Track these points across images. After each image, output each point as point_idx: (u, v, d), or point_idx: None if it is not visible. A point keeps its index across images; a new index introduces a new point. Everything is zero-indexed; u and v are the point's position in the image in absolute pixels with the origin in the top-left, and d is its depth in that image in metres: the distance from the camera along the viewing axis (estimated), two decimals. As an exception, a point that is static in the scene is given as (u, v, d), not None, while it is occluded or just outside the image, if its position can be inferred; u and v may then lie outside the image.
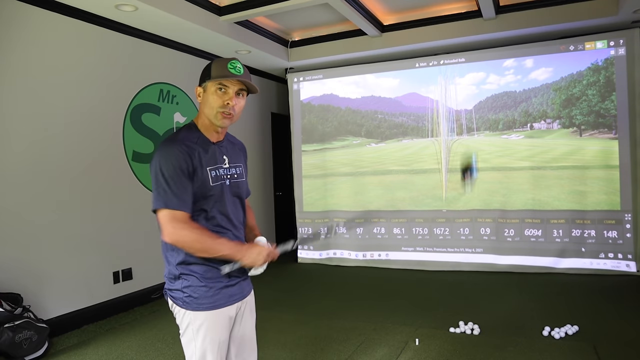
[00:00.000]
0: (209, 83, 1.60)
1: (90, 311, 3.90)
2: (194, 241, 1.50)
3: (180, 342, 1.64)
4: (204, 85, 1.63)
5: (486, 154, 5.40)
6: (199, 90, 1.65)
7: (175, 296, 1.60)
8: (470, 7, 4.90)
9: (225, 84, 1.59)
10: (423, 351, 3.08)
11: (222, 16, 4.54)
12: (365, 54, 5.66)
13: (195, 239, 1.51)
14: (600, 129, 4.95)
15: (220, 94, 1.60)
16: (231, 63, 1.60)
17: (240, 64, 1.63)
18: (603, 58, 4.89)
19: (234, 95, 1.60)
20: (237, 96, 1.62)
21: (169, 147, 1.54)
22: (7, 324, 3.00)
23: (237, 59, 1.64)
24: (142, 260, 4.43)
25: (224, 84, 1.59)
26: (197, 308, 1.57)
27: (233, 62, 1.61)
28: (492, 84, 5.36)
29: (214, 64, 1.62)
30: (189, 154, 1.55)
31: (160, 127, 4.71)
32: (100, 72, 4.07)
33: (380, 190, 5.84)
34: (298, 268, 5.91)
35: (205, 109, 1.62)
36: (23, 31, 3.46)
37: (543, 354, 2.93)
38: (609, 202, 4.89)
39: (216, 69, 1.59)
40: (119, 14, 3.95)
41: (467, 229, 5.40)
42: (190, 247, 1.52)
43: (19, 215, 3.41)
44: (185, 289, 1.58)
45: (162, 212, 1.51)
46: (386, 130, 5.91)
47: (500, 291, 4.45)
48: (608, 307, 3.83)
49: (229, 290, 1.64)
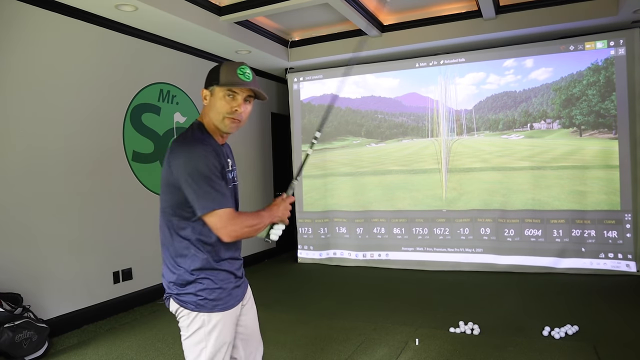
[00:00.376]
0: (216, 87, 1.57)
1: (90, 311, 3.90)
2: (249, 228, 1.53)
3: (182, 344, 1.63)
4: (211, 89, 1.59)
5: (486, 154, 5.40)
6: (205, 93, 1.61)
7: (185, 300, 1.57)
8: (470, 7, 4.90)
9: (234, 90, 1.57)
10: (423, 351, 3.08)
11: (222, 16, 4.54)
12: (365, 54, 5.66)
13: (249, 226, 1.53)
14: (600, 129, 4.95)
15: (229, 100, 1.57)
16: (240, 69, 1.58)
17: (249, 69, 1.61)
18: (603, 58, 4.89)
19: (242, 101, 1.59)
20: (245, 102, 1.60)
21: (195, 147, 1.51)
22: (7, 324, 3.00)
23: (245, 64, 1.61)
24: (142, 260, 4.43)
25: (233, 91, 1.57)
26: (212, 309, 1.57)
27: (242, 68, 1.58)
28: (492, 84, 5.36)
29: (222, 68, 1.58)
30: (215, 153, 1.55)
31: (160, 127, 4.71)
32: (100, 72, 4.07)
33: (380, 190, 5.84)
34: (298, 268, 5.91)
35: (211, 113, 1.59)
36: (23, 31, 3.46)
37: (543, 354, 2.93)
38: (609, 202, 4.89)
39: (225, 75, 1.56)
40: (119, 14, 3.95)
41: (467, 229, 5.40)
42: (247, 235, 1.54)
43: (19, 216, 3.41)
44: (199, 292, 1.56)
45: (216, 213, 1.47)
46: (386, 130, 5.91)
47: (500, 291, 4.45)
48: (608, 307, 3.83)
49: (237, 291, 1.66)
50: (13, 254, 3.36)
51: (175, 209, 1.55)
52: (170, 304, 1.62)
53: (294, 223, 6.19)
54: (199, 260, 1.55)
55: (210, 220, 1.49)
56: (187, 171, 1.48)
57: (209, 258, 1.57)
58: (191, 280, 1.56)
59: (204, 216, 1.48)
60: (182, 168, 1.49)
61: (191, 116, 5.12)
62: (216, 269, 1.58)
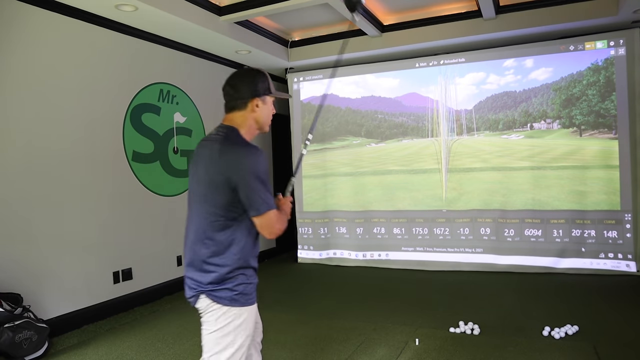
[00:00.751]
0: (267, 97, 1.76)
1: (90, 311, 3.90)
2: (283, 226, 1.70)
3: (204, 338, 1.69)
4: (263, 97, 1.74)
5: (486, 154, 5.40)
6: (257, 101, 1.73)
7: (221, 295, 1.64)
8: (470, 7, 4.90)
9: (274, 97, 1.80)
10: (423, 351, 3.08)
11: (222, 16, 4.54)
12: (365, 54, 5.66)
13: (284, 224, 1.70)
14: (600, 129, 4.95)
15: (272, 107, 1.81)
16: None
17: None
18: (603, 58, 4.89)
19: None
20: None
21: (255, 153, 1.63)
22: (7, 324, 3.00)
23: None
24: (142, 260, 4.43)
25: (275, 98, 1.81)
26: (244, 304, 1.67)
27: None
28: (492, 84, 5.36)
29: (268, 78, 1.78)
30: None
31: (160, 127, 4.71)
32: (100, 72, 4.07)
33: (380, 190, 5.84)
34: (298, 268, 5.91)
35: (260, 119, 1.76)
36: (23, 31, 3.46)
37: (543, 354, 2.93)
38: (609, 202, 4.89)
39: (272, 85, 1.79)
40: (119, 14, 3.95)
41: (467, 229, 5.40)
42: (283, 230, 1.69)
43: (19, 215, 3.41)
44: (236, 287, 1.65)
45: (269, 214, 1.62)
46: (386, 130, 5.91)
47: (500, 291, 4.45)
48: (608, 307, 3.83)
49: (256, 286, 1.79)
50: (13, 254, 3.36)
51: (224, 209, 1.62)
52: (200, 300, 1.66)
53: (294, 223, 6.19)
54: (238, 258, 1.65)
55: (262, 220, 1.62)
56: (250, 173, 1.58)
57: (245, 256, 1.67)
58: (229, 277, 1.64)
59: (258, 217, 1.61)
60: (245, 171, 1.58)
61: (191, 116, 5.12)
62: (248, 265, 1.70)
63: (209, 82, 5.36)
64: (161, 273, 4.67)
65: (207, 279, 1.63)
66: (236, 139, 1.68)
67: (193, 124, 5.16)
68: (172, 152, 4.85)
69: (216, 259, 1.63)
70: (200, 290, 1.65)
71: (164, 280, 4.69)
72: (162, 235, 4.66)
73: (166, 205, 4.71)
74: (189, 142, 5.08)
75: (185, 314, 4.00)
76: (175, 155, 4.88)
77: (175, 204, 4.80)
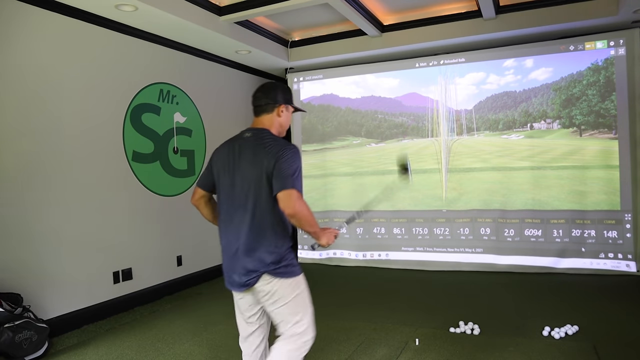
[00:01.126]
0: (290, 106, 2.10)
1: (90, 311, 3.90)
2: (309, 214, 1.89)
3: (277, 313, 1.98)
4: (286, 106, 2.08)
5: (486, 154, 5.40)
6: (282, 108, 2.06)
7: (283, 271, 1.94)
8: (470, 7, 4.90)
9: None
10: (423, 351, 3.08)
11: (222, 16, 4.54)
12: (365, 54, 5.66)
13: (310, 212, 1.90)
14: (600, 129, 4.95)
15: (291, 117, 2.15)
16: None
17: None
18: (603, 58, 4.89)
19: None
20: None
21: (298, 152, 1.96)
22: (7, 324, 3.00)
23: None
24: (142, 260, 4.43)
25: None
26: (299, 272, 2.02)
27: None
28: (492, 84, 5.36)
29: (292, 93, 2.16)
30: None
31: (160, 127, 4.71)
32: (100, 72, 4.07)
33: (380, 190, 5.82)
34: (298, 268, 5.91)
35: (284, 123, 2.10)
36: (23, 31, 3.46)
37: (543, 354, 2.93)
38: (608, 202, 4.89)
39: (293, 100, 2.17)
40: (119, 14, 3.95)
41: (467, 229, 5.40)
42: (305, 217, 1.87)
43: (19, 215, 3.41)
44: (292, 261, 1.99)
45: (293, 191, 1.84)
46: (386, 130, 5.91)
47: (500, 291, 4.45)
48: (608, 307, 3.83)
49: None
50: (13, 254, 3.36)
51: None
52: (261, 280, 1.93)
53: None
54: (289, 239, 1.99)
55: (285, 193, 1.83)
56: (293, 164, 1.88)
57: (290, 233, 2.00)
58: (286, 255, 1.96)
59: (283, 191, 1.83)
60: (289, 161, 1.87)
61: (191, 116, 5.12)
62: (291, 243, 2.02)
63: (209, 82, 5.36)
64: (161, 273, 4.67)
65: (269, 258, 1.91)
66: (274, 137, 1.99)
67: (193, 124, 5.16)
68: (172, 152, 4.85)
69: (280, 241, 1.93)
70: (262, 271, 1.91)
71: (164, 280, 4.69)
72: (162, 235, 4.66)
73: (166, 205, 4.71)
74: (189, 142, 5.08)
75: (185, 314, 4.00)
76: (175, 155, 4.88)
77: (175, 204, 4.80)
